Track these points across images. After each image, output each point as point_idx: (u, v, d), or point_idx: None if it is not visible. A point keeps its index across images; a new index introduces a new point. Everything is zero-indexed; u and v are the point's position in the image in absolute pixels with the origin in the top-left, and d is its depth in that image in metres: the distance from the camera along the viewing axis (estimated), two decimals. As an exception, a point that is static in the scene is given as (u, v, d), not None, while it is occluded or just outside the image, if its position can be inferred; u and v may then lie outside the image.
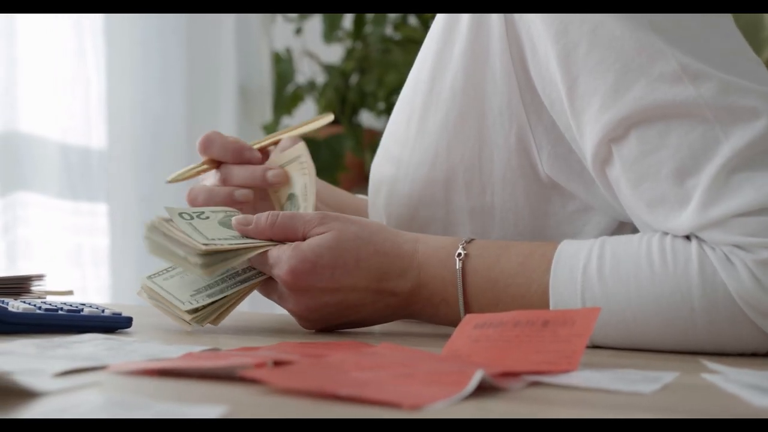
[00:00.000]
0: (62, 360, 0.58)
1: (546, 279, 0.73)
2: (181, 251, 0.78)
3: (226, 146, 0.92)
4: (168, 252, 0.80)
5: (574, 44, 0.73)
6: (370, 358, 0.57)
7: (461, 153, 0.84)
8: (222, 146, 0.92)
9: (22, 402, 0.45)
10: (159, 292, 0.80)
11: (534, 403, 0.49)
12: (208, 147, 0.92)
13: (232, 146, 0.92)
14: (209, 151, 0.92)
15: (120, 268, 1.79)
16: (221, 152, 0.92)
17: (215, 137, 0.92)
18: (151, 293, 0.81)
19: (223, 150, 0.92)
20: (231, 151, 0.92)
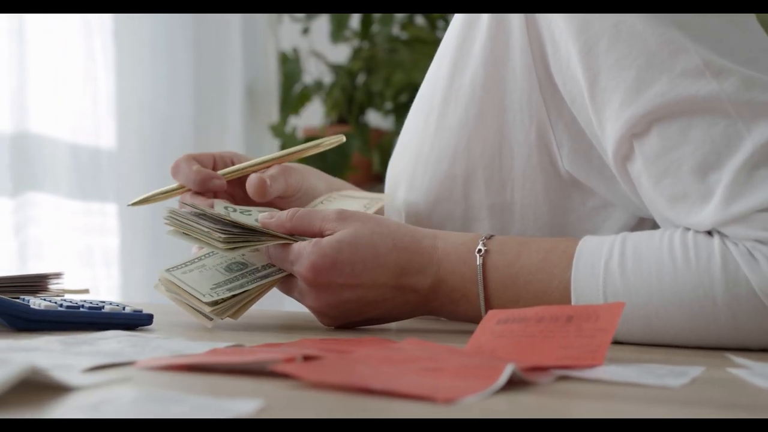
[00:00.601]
0: (88, 356, 0.58)
1: (567, 275, 0.73)
2: (204, 226, 0.78)
3: (189, 176, 0.90)
4: (190, 228, 0.80)
5: (596, 40, 0.73)
6: (397, 353, 0.57)
7: (481, 149, 0.84)
8: (186, 176, 0.90)
9: (56, 397, 0.45)
10: (178, 284, 0.80)
11: (564, 397, 0.49)
12: (175, 173, 0.91)
13: (195, 176, 0.90)
14: (176, 178, 0.92)
15: (130, 267, 1.79)
16: (185, 181, 0.91)
17: (183, 167, 0.90)
18: (169, 285, 0.81)
19: (188, 180, 0.90)
20: (193, 181, 0.90)
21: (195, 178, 0.88)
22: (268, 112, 2.45)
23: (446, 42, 0.88)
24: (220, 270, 0.82)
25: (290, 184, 0.91)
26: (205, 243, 0.80)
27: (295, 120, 2.61)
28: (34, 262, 1.56)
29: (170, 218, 0.82)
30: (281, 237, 0.80)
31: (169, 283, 0.81)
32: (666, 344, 0.71)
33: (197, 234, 0.80)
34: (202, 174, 0.88)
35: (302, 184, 0.93)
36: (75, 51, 1.69)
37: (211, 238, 0.78)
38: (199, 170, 0.89)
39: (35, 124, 1.59)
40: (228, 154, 0.94)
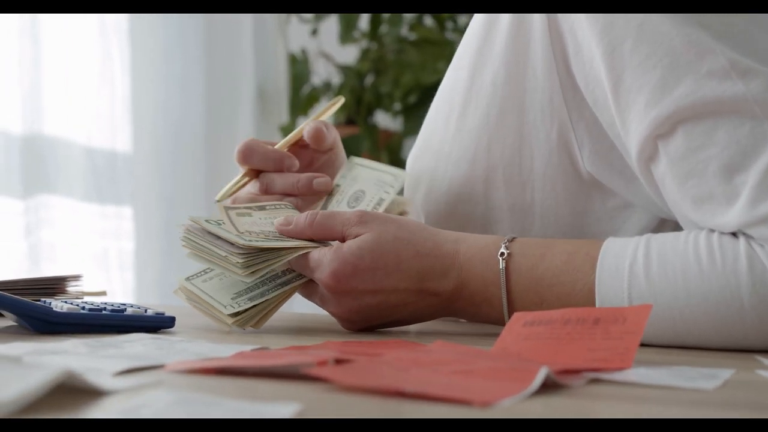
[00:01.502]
0: (116, 359, 0.58)
1: (591, 278, 0.73)
2: (222, 250, 0.78)
3: (267, 155, 0.90)
4: (207, 252, 0.79)
5: (620, 40, 0.73)
6: (426, 355, 0.57)
7: (501, 150, 0.83)
8: (263, 155, 0.89)
9: (92, 401, 0.45)
10: (199, 294, 0.80)
11: (599, 399, 0.49)
12: (248, 156, 0.90)
13: (273, 155, 0.90)
14: (250, 161, 0.90)
15: (144, 270, 1.79)
16: (262, 162, 0.90)
17: (255, 146, 0.90)
18: (189, 295, 0.81)
19: (265, 159, 0.90)
20: (273, 160, 0.90)
21: (274, 157, 0.89)
22: (278, 113, 2.45)
23: (466, 43, 0.88)
24: None
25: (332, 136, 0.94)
26: (224, 269, 0.79)
27: (303, 121, 2.61)
28: (47, 264, 1.56)
29: (187, 240, 0.82)
30: (301, 247, 0.79)
31: (189, 292, 0.81)
32: (692, 346, 0.71)
33: (214, 258, 0.79)
34: (279, 153, 0.90)
35: (336, 140, 0.95)
36: (90, 52, 1.69)
37: (229, 263, 0.78)
38: (275, 149, 0.90)
39: (48, 126, 1.59)
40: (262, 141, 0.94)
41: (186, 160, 1.95)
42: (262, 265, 0.77)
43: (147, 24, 1.87)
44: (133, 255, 1.77)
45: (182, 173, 1.92)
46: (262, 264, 0.77)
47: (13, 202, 1.52)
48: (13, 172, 1.52)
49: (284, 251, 0.78)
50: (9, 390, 0.41)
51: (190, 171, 1.96)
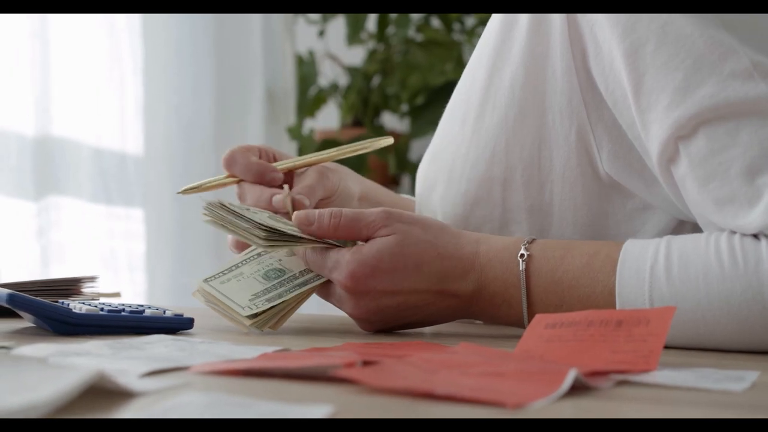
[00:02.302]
0: (140, 360, 0.58)
1: (612, 280, 0.73)
2: (245, 223, 0.78)
3: (249, 166, 0.89)
4: (229, 222, 0.80)
5: (642, 41, 0.73)
6: (452, 357, 0.57)
7: (519, 151, 0.83)
8: (244, 166, 0.89)
9: (124, 402, 0.44)
10: (217, 296, 0.80)
11: (628, 401, 0.49)
12: (230, 165, 0.90)
13: (255, 167, 0.89)
14: (231, 169, 0.91)
15: (156, 272, 1.79)
16: (243, 172, 0.90)
17: (239, 157, 0.90)
18: (208, 296, 0.81)
19: (245, 170, 0.90)
20: (253, 172, 0.90)
21: (255, 169, 0.88)
22: (286, 114, 2.45)
23: (483, 43, 0.87)
24: (258, 278, 0.82)
25: (328, 188, 0.91)
26: (243, 237, 0.79)
27: (310, 123, 2.61)
28: (57, 266, 1.56)
29: (210, 210, 0.81)
30: (320, 241, 0.79)
31: (208, 294, 0.81)
32: (713, 348, 0.70)
33: (235, 228, 0.80)
34: (260, 166, 0.89)
35: (339, 186, 0.93)
36: (99, 53, 1.69)
37: (251, 234, 0.78)
38: (258, 162, 0.89)
39: (58, 127, 1.59)
40: (269, 148, 0.94)
41: (197, 161, 1.95)
42: (281, 245, 0.78)
43: (158, 25, 1.87)
44: (145, 257, 1.77)
45: (193, 175, 1.92)
46: (283, 244, 0.78)
47: (25, 204, 1.52)
48: (25, 174, 1.52)
49: (304, 239, 0.78)
50: (43, 391, 0.41)
51: (200, 172, 1.95)
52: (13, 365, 0.47)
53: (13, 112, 1.51)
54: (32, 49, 1.54)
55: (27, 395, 0.41)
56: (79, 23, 1.63)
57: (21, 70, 1.52)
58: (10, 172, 1.50)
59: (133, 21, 1.80)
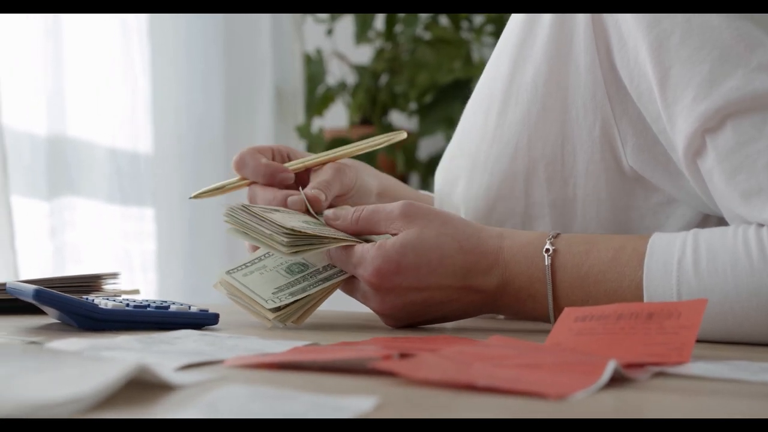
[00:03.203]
0: (172, 355, 0.57)
1: (639, 274, 0.72)
2: (267, 229, 0.78)
3: (258, 168, 0.89)
4: (251, 228, 0.79)
5: (668, 34, 0.73)
6: (486, 350, 0.57)
7: (543, 146, 0.83)
8: (254, 168, 0.89)
9: (165, 395, 0.44)
10: (240, 288, 0.80)
11: (669, 392, 0.49)
12: (240, 167, 0.90)
13: (264, 169, 0.89)
14: (242, 172, 0.91)
15: (167, 271, 1.79)
16: (253, 174, 0.90)
17: (248, 159, 0.89)
18: (230, 289, 0.81)
19: (255, 173, 0.89)
20: (263, 174, 0.89)
21: (264, 171, 0.88)
22: (295, 113, 2.45)
23: (505, 39, 0.87)
24: (281, 272, 0.81)
25: (345, 184, 0.91)
26: (265, 245, 0.79)
27: (319, 121, 2.61)
28: (72, 266, 1.56)
29: (230, 216, 0.81)
30: (344, 239, 0.79)
31: (230, 286, 0.81)
32: (741, 342, 0.70)
33: (258, 235, 0.79)
34: (271, 167, 0.88)
35: (356, 182, 0.92)
36: (112, 52, 1.69)
37: (273, 241, 0.77)
38: (268, 163, 0.88)
39: (72, 127, 1.59)
40: (284, 148, 0.93)
41: (206, 160, 1.95)
42: (305, 248, 0.77)
43: (167, 24, 1.87)
44: (156, 256, 1.77)
45: (203, 174, 1.92)
46: (306, 247, 0.77)
47: (38, 204, 1.52)
48: (38, 174, 1.52)
49: (327, 239, 0.78)
50: (86, 384, 0.41)
51: (210, 171, 1.95)
52: (53, 359, 0.47)
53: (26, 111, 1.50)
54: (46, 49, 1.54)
55: (70, 388, 0.40)
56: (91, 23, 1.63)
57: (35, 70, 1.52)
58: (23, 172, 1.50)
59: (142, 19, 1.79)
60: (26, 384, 0.42)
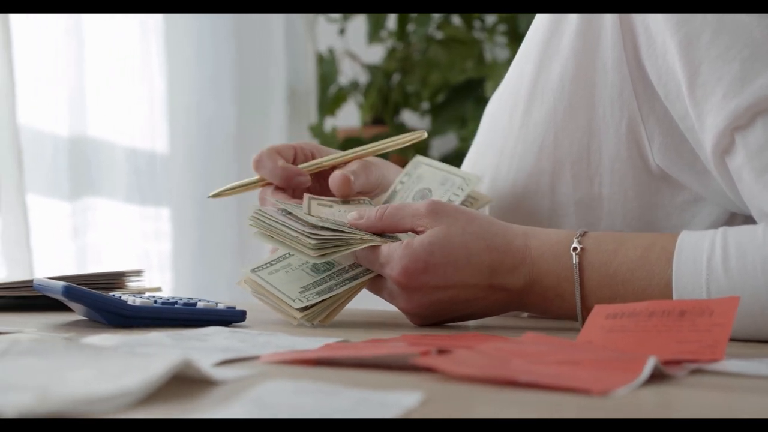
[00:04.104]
0: (206, 351, 0.57)
1: (668, 272, 0.72)
2: (293, 229, 0.78)
3: (275, 171, 0.89)
4: (276, 232, 0.79)
5: (697, 32, 0.72)
6: (521, 347, 0.57)
7: (569, 144, 0.83)
8: (270, 170, 0.89)
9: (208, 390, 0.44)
10: (265, 287, 0.80)
11: (710, 389, 0.49)
12: (258, 168, 0.90)
13: (281, 172, 0.89)
14: (259, 172, 0.91)
15: (181, 270, 1.80)
16: (269, 176, 0.90)
17: (266, 160, 0.89)
18: (255, 287, 0.81)
19: (272, 174, 0.89)
20: (279, 176, 0.89)
21: (280, 174, 0.88)
22: (307, 113, 2.46)
23: (530, 37, 0.87)
24: (307, 270, 0.81)
25: (370, 181, 0.91)
26: (292, 248, 0.79)
27: (331, 121, 2.61)
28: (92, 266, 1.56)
29: (255, 220, 0.81)
30: (369, 239, 0.79)
31: (255, 284, 0.81)
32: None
33: (284, 238, 0.79)
34: (287, 170, 0.88)
35: (381, 181, 0.93)
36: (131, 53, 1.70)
37: (300, 244, 0.77)
38: (285, 166, 0.88)
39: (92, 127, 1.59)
40: (308, 146, 0.93)
41: (219, 160, 1.95)
42: (331, 250, 0.77)
43: (181, 24, 1.87)
44: (171, 255, 1.77)
45: (216, 174, 1.92)
46: (332, 249, 0.77)
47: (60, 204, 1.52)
48: (61, 174, 1.52)
49: (354, 240, 0.78)
50: (133, 378, 0.41)
51: (223, 171, 1.96)
52: (96, 354, 0.47)
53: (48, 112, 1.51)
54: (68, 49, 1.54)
55: (117, 383, 0.41)
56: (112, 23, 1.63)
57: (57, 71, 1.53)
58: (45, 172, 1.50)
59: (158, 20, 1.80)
60: (73, 379, 0.42)
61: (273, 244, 0.81)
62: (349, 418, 0.37)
